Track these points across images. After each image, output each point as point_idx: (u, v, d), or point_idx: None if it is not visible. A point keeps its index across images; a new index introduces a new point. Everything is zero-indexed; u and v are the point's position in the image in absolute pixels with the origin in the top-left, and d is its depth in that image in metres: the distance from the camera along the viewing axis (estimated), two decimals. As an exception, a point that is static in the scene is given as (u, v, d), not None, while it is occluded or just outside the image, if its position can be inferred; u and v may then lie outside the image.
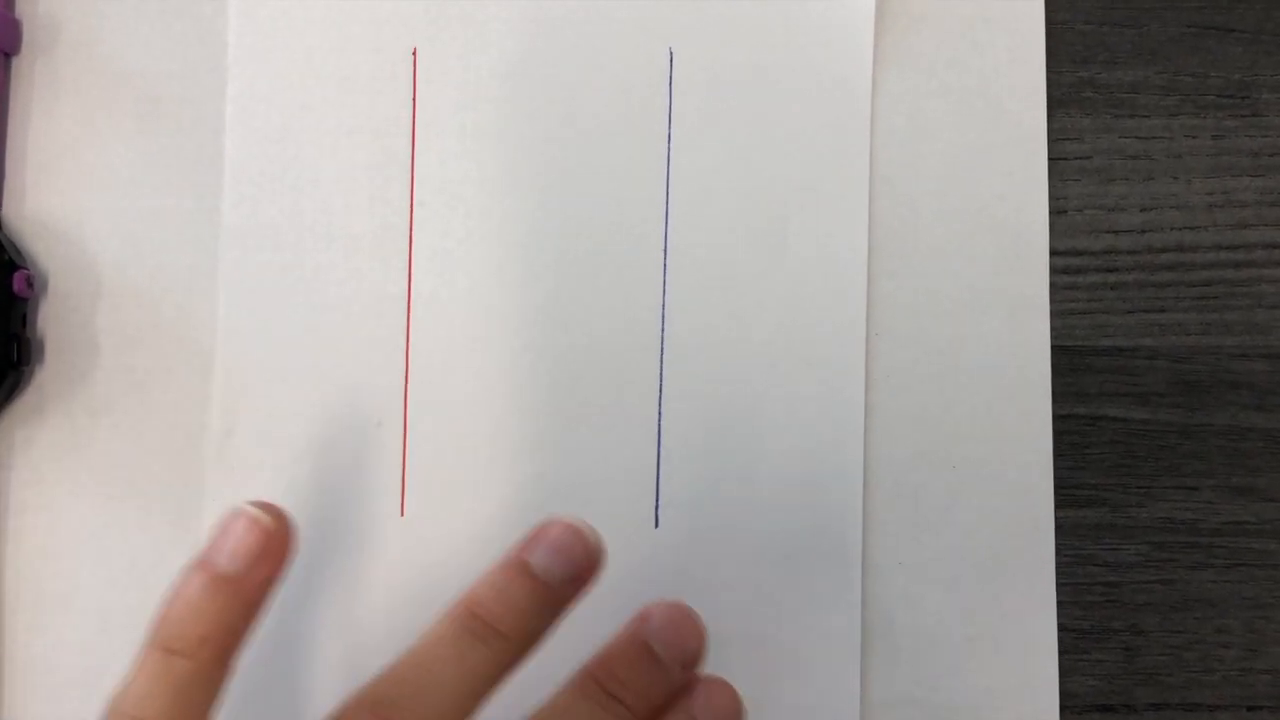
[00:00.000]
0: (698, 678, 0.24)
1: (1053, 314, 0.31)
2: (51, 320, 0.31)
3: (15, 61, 0.31)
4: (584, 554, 0.24)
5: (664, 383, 0.31)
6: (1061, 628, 0.31)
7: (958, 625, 0.30)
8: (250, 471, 0.30)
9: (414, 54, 0.31)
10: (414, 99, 0.31)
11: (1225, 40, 0.32)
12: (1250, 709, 0.31)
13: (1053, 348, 0.31)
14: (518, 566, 0.23)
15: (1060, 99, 0.32)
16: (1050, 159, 0.32)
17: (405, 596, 0.30)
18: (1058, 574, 0.31)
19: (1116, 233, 0.32)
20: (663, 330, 0.31)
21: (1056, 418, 0.31)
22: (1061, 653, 0.31)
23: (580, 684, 0.23)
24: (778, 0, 0.31)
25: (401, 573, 0.30)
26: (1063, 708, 0.30)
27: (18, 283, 0.29)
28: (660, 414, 0.31)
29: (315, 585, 0.30)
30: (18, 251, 0.30)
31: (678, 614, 0.24)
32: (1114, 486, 0.31)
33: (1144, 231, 0.32)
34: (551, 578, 0.23)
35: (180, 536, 0.30)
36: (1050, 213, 0.32)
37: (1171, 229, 0.32)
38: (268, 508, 0.24)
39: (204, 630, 0.22)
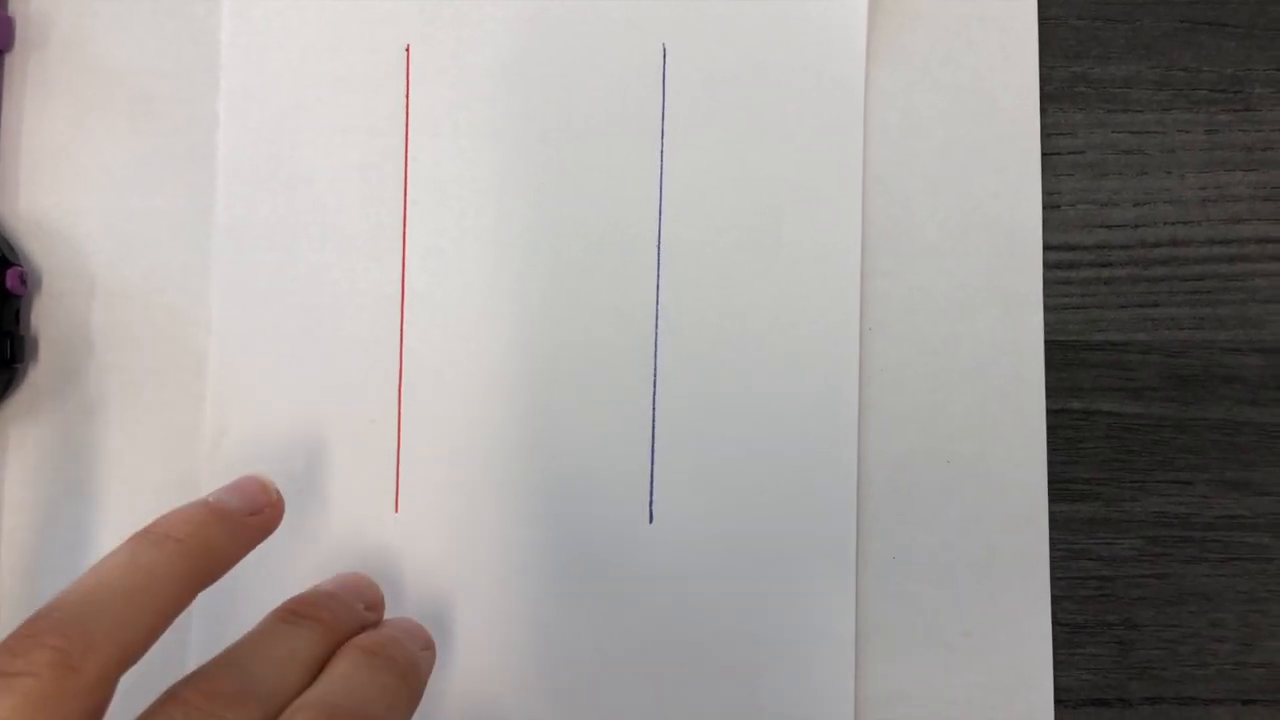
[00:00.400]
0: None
1: (1046, 309, 0.31)
2: (45, 318, 0.31)
3: (8, 59, 0.31)
4: (261, 491, 0.26)
5: (658, 380, 0.31)
6: (1056, 622, 0.31)
7: (952, 620, 0.30)
8: (244, 469, 0.30)
9: (407, 52, 0.31)
10: (407, 97, 0.31)
11: (1218, 35, 0.32)
12: (1245, 703, 0.31)
13: (1046, 343, 0.31)
14: (199, 500, 0.25)
15: (1053, 94, 0.32)
16: (1043, 154, 0.32)
17: (399, 593, 0.30)
18: (1052, 569, 0.31)
19: (1110, 227, 0.32)
20: (657, 327, 0.31)
21: (1050, 413, 0.31)
22: (1056, 647, 0.31)
23: (276, 615, 0.24)
24: (770, -4, 0.31)
25: (396, 570, 0.30)
26: (1057, 702, 0.30)
27: (11, 280, 0.29)
28: (654, 411, 0.31)
29: (310, 582, 0.30)
30: (11, 249, 0.30)
31: (349, 575, 0.27)
32: (1108, 481, 0.31)
33: (1137, 226, 0.32)
34: (228, 506, 0.25)
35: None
36: (1043, 208, 0.32)
37: (1165, 224, 0.32)
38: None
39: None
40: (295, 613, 0.24)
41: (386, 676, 0.23)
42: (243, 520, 0.25)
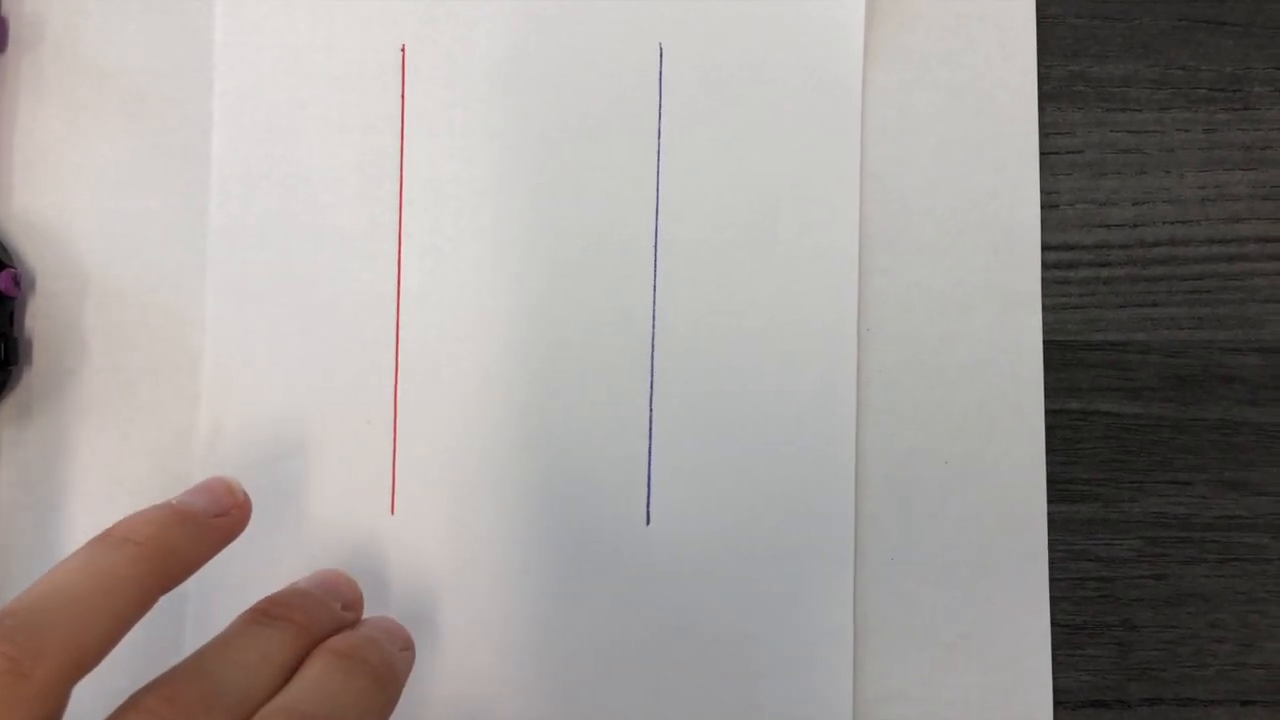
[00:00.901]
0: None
1: (1045, 309, 0.31)
2: (39, 320, 0.31)
3: (1, 59, 0.31)
4: (227, 493, 0.25)
5: (655, 379, 0.31)
6: (1054, 623, 0.31)
7: (950, 621, 0.30)
8: (239, 470, 0.30)
9: (402, 51, 0.31)
10: (403, 96, 0.31)
11: (1217, 33, 0.32)
12: (1244, 704, 0.31)
13: (1045, 342, 0.31)
14: (162, 502, 0.24)
15: (1051, 93, 0.32)
16: (1042, 153, 0.32)
17: (395, 595, 0.30)
18: (1050, 569, 0.31)
19: (1108, 227, 0.32)
20: (653, 327, 0.31)
21: (1049, 413, 0.31)
22: (1054, 648, 0.30)
23: (247, 616, 0.24)
24: (767, -5, 0.31)
25: (392, 571, 0.30)
26: (1056, 704, 0.30)
27: (5, 281, 0.29)
28: (651, 411, 0.30)
29: (305, 584, 0.30)
30: (5, 250, 0.30)
31: (327, 572, 0.27)
32: (1106, 481, 0.31)
33: (1136, 226, 0.32)
34: (192, 508, 0.24)
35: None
36: (1042, 207, 0.32)
37: (1163, 223, 0.32)
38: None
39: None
40: (267, 613, 0.24)
41: (360, 680, 0.23)
42: (207, 522, 0.24)
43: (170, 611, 0.29)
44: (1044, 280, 0.31)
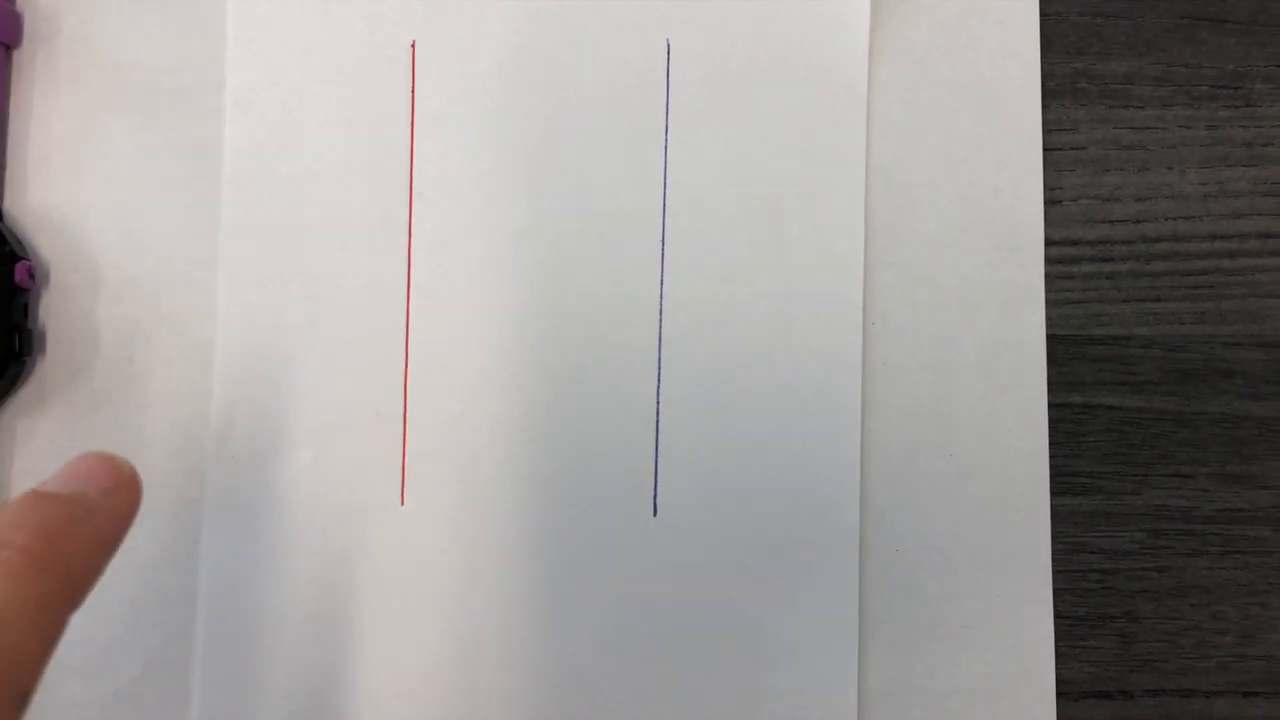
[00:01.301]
0: None
1: (1048, 303, 0.32)
2: (52, 312, 0.31)
3: (16, 54, 0.31)
4: (104, 467, 0.21)
5: (662, 372, 0.31)
6: (1057, 615, 0.31)
7: (954, 613, 0.31)
8: (250, 463, 0.30)
9: (412, 46, 0.31)
10: (412, 91, 0.31)
11: (1219, 31, 0.33)
12: (1245, 695, 0.31)
13: (1048, 337, 0.31)
14: (32, 493, 0.20)
15: (1055, 90, 0.32)
16: (1045, 150, 0.32)
17: (405, 587, 0.30)
18: (1053, 561, 0.31)
19: (1111, 223, 0.32)
20: (660, 321, 0.31)
21: (1052, 406, 0.31)
22: (1057, 640, 0.31)
23: None
24: (774, -8, 0.31)
25: (401, 563, 0.30)
26: (1059, 695, 0.31)
27: (19, 274, 0.30)
28: (658, 403, 0.31)
29: (318, 576, 0.30)
30: (19, 243, 0.30)
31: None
32: (1109, 474, 0.31)
33: (1139, 221, 0.32)
34: (68, 489, 0.20)
35: (180, 528, 0.30)
36: (1045, 203, 0.32)
37: (1166, 219, 0.32)
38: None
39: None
40: None
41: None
42: (84, 501, 0.20)
43: (181, 604, 0.30)
44: (1047, 275, 0.32)
